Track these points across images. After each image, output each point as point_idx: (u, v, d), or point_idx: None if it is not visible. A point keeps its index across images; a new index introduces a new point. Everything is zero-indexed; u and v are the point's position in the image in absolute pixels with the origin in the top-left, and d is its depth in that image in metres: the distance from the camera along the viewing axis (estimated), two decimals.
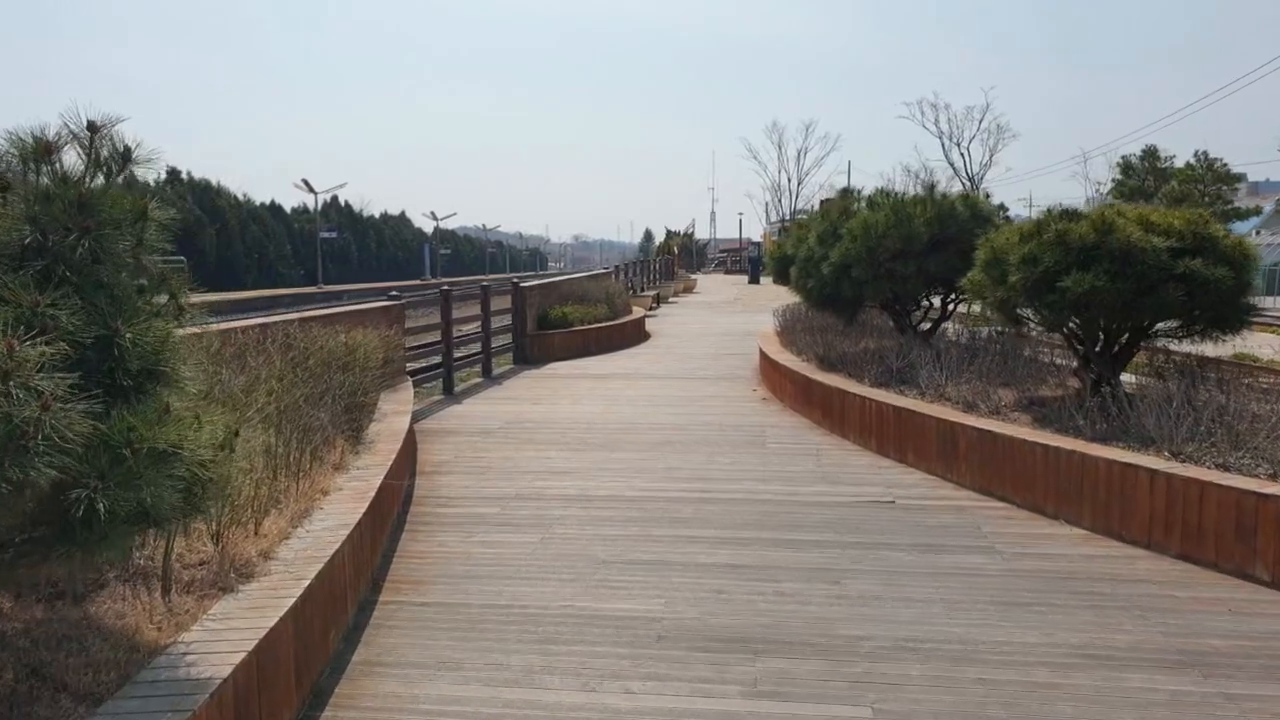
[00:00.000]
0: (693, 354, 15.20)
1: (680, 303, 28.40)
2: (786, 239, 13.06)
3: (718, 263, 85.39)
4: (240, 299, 31.41)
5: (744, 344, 16.14)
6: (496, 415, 9.69)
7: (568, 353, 14.84)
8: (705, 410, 9.87)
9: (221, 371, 4.83)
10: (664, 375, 12.71)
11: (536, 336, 14.59)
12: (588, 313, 16.05)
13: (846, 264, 9.13)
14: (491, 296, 13.06)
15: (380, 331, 8.89)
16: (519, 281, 14.29)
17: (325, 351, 6.19)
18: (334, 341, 6.47)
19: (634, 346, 16.39)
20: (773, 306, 27.31)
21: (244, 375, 5.28)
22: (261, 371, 5.28)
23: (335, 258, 60.99)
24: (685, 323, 21.07)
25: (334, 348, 6.38)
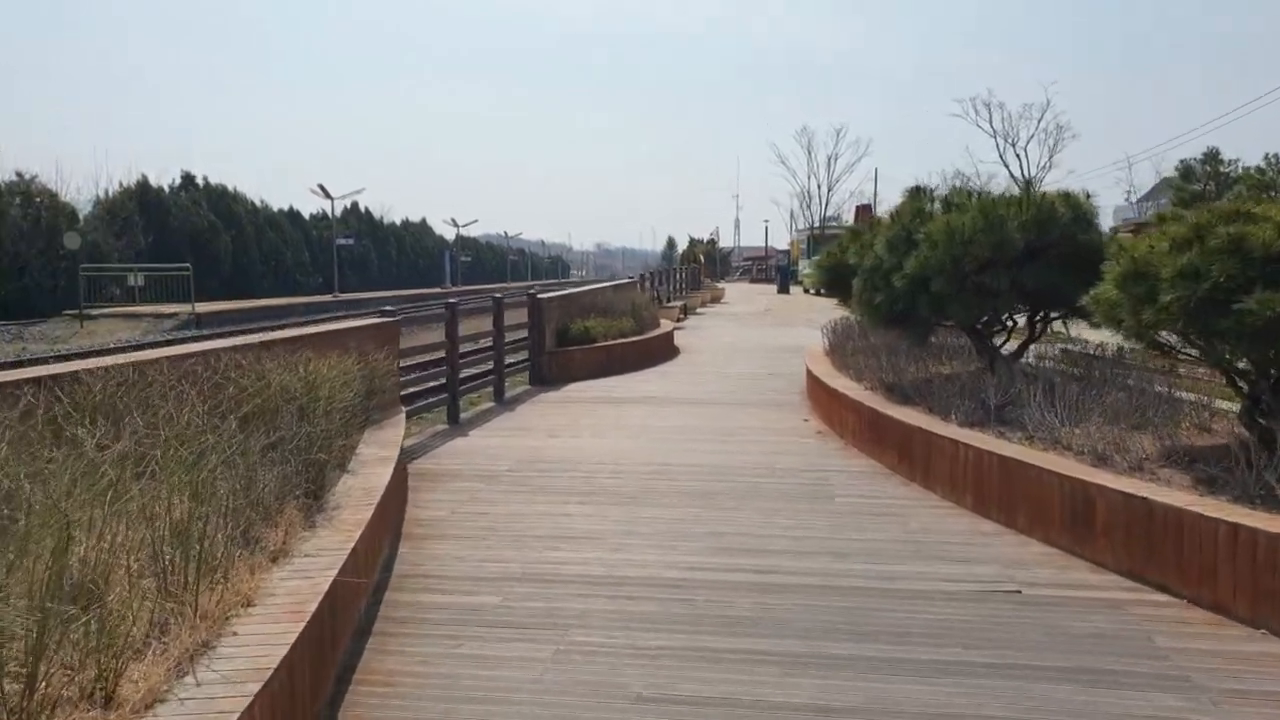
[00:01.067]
0: (728, 374, 13.70)
1: (708, 314, 26.91)
2: (839, 245, 11.52)
3: (742, 271, 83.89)
4: (247, 308, 30.25)
5: (785, 363, 14.64)
6: (507, 451, 8.25)
7: (590, 372, 13.40)
8: (751, 447, 8.37)
9: (92, 435, 3.40)
10: (699, 400, 11.22)
11: (556, 354, 13.15)
12: (612, 326, 14.60)
13: (924, 276, 7.61)
14: (505, 310, 11.64)
15: (370, 354, 7.48)
16: (536, 293, 12.88)
17: (273, 392, 4.77)
18: (288, 377, 5.04)
19: (663, 364, 14.91)
20: (807, 318, 25.78)
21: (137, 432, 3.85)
22: (164, 429, 3.85)
23: (355, 265, 59.99)
24: (716, 337, 19.57)
25: (287, 384, 4.96)
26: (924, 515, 6.20)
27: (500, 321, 11.37)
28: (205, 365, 5.01)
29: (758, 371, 13.81)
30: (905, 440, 7.19)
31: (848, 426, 8.55)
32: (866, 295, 8.43)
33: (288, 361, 5.46)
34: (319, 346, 6.59)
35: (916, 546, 5.52)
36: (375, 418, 7.39)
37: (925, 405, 7.57)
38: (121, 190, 38.36)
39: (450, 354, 9.76)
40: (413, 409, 8.99)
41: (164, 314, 25.93)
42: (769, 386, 12.29)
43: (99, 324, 24.88)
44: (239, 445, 4.20)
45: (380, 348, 7.75)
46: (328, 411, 4.90)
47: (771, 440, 8.71)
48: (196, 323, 25.90)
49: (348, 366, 6.08)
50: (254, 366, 5.11)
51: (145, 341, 18.72)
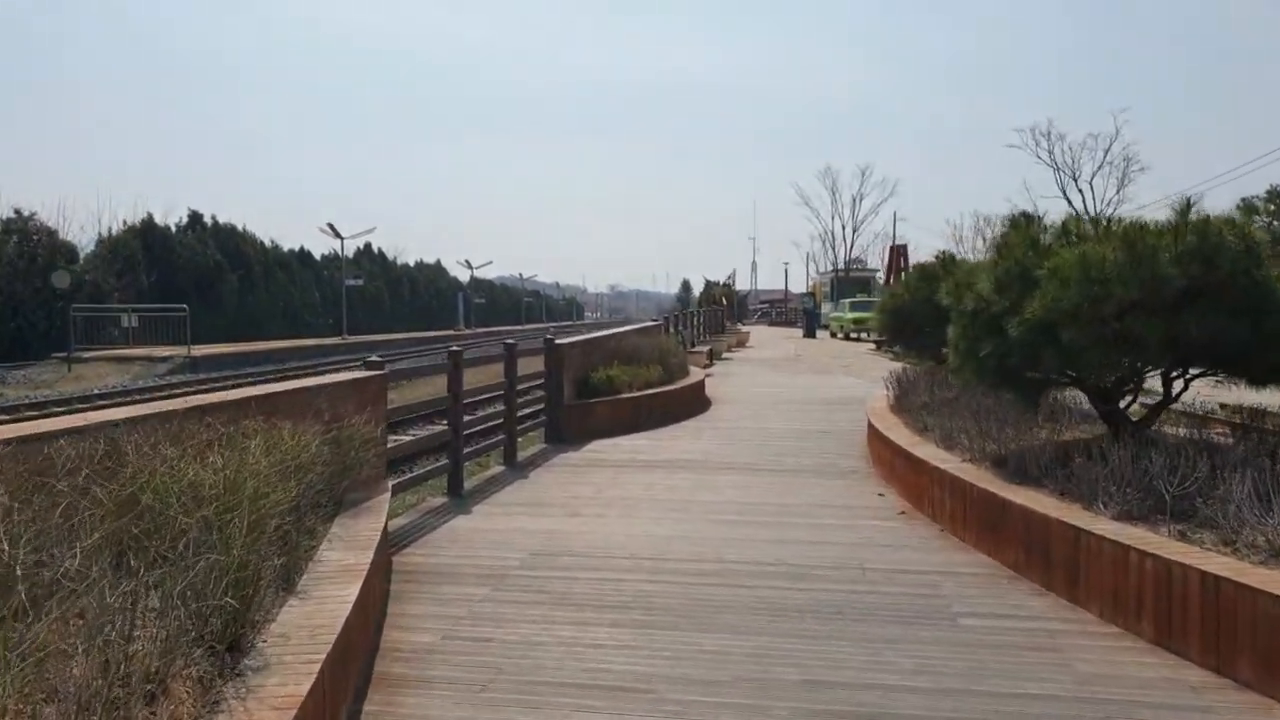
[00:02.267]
0: (772, 431, 12.04)
1: (736, 359, 25.28)
2: (905, 284, 9.93)
3: (761, 314, 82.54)
4: (247, 351, 28.81)
5: (834, 418, 12.99)
6: (518, 538, 6.61)
7: (614, 427, 11.78)
8: (826, 534, 6.70)
9: None
10: (744, 465, 9.56)
11: (575, 407, 11.55)
12: (638, 375, 13.00)
13: (1048, 322, 5.99)
14: (519, 358, 10.07)
15: (347, 418, 5.90)
16: (554, 338, 11.32)
17: (163, 494, 3.18)
18: (195, 475, 3.42)
19: (695, 418, 13.27)
20: (843, 365, 24.15)
21: None
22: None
23: (367, 306, 58.83)
24: (749, 386, 17.92)
25: (198, 480, 3.37)
26: (1089, 651, 4.50)
27: (513, 372, 9.79)
28: (79, 449, 3.42)
29: (806, 429, 12.14)
30: (1036, 535, 5.51)
31: (943, 508, 6.87)
32: (968, 346, 6.79)
33: (209, 440, 3.87)
34: (276, 411, 5.01)
35: (1103, 712, 3.82)
36: (352, 498, 5.80)
37: (1054, 486, 5.91)
38: (125, 229, 37.31)
39: (453, 413, 8.16)
40: (404, 481, 7.37)
41: (157, 357, 24.54)
42: (822, 448, 10.62)
43: (88, 367, 23.48)
44: (90, 586, 2.60)
45: (361, 409, 6.16)
46: (257, 524, 3.29)
47: (847, 524, 7.03)
48: (192, 366, 24.48)
49: (304, 442, 4.49)
50: (157, 452, 3.51)
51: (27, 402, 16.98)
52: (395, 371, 7.46)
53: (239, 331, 41.11)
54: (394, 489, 6.82)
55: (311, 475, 4.51)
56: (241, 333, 40.96)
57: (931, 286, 10.11)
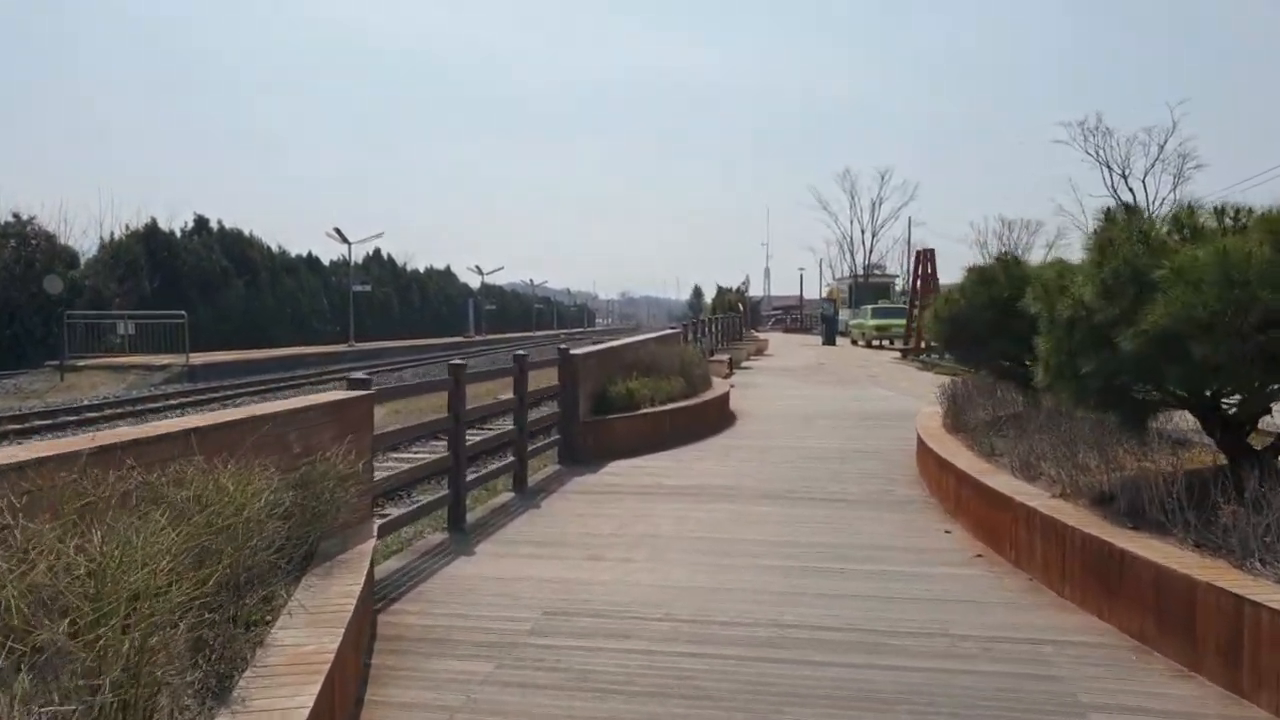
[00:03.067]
0: (806, 450, 10.95)
1: (756, 368, 24.19)
2: (962, 289, 8.82)
3: (775, 320, 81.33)
4: (248, 359, 27.86)
5: (871, 436, 11.93)
6: (527, 590, 5.56)
7: (634, 445, 10.73)
8: (894, 586, 5.61)
9: None
10: (785, 493, 8.49)
11: (592, 424, 10.50)
12: (659, 388, 11.95)
13: (1172, 334, 4.91)
14: (530, 370, 9.03)
15: (323, 450, 4.87)
16: (569, 349, 10.27)
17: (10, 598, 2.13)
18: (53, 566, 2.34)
19: (721, 434, 12.21)
20: (870, 375, 23.00)
21: None
22: None
23: (376, 313, 58.00)
24: (775, 398, 16.83)
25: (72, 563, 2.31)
26: None
27: (523, 387, 8.75)
28: None
29: (845, 448, 11.05)
30: (1174, 600, 4.42)
31: (1032, 554, 5.78)
32: (1061, 360, 5.70)
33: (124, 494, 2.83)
34: (226, 447, 3.97)
35: None
36: (328, 548, 4.76)
37: (1185, 535, 4.82)
38: (128, 233, 36.50)
39: (455, 436, 7.12)
40: (394, 521, 6.32)
41: (155, 365, 23.62)
42: (868, 472, 9.54)
43: (82, 376, 22.58)
44: None
45: (340, 437, 5.12)
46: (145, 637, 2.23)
47: (918, 572, 5.94)
48: (190, 375, 23.55)
49: (254, 488, 3.44)
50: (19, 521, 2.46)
51: None
52: (385, 391, 6.41)
53: (245, 338, 40.25)
54: (381, 530, 5.78)
55: (265, 532, 3.46)
56: (248, 340, 40.11)
57: (990, 291, 9.04)
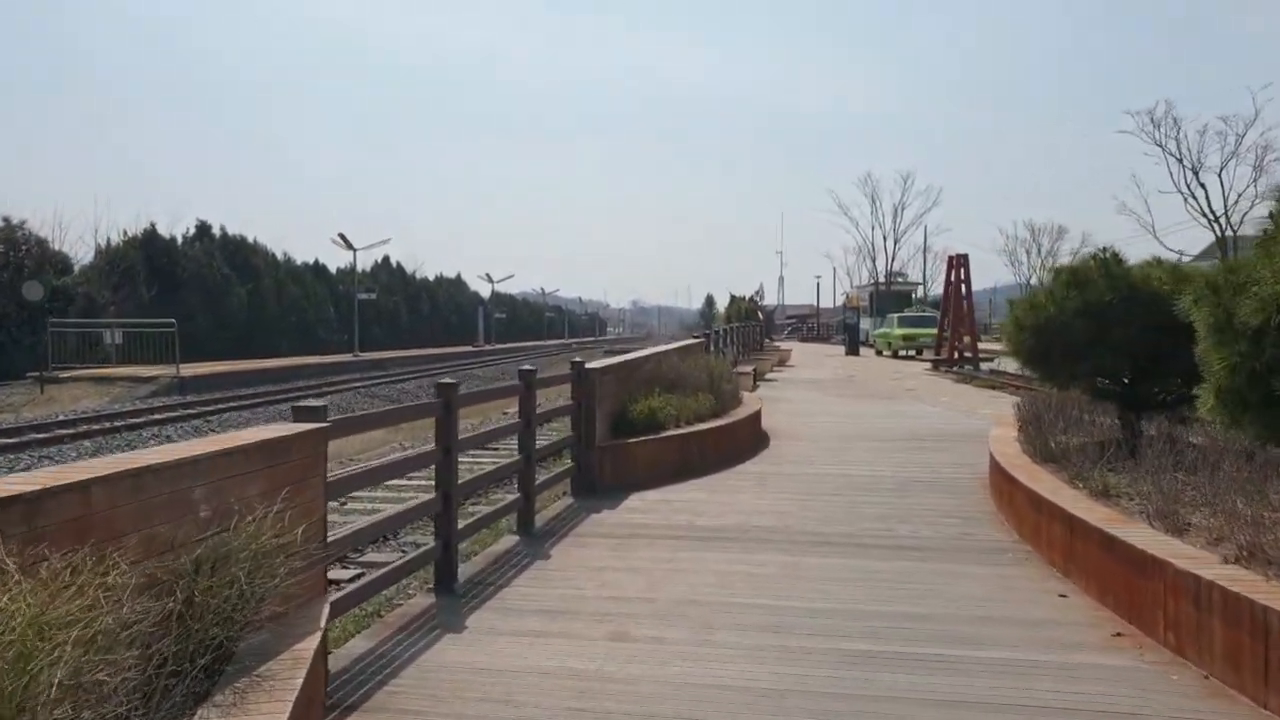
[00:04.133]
0: (858, 479, 9.50)
1: (781, 380, 22.72)
2: (1056, 288, 7.28)
3: (791, 329, 79.83)
4: (243, 371, 26.51)
5: (929, 460, 10.53)
6: (530, 689, 4.14)
7: (659, 473, 9.34)
8: (1017, 686, 4.16)
9: None
10: (843, 537, 7.04)
11: (611, 449, 9.08)
12: (685, 407, 10.53)
13: None
14: (537, 390, 7.62)
15: (252, 505, 3.47)
16: (584, 363, 8.86)
17: None
18: None
19: (755, 458, 10.77)
20: (906, 389, 21.43)
21: None
22: None
23: (384, 321, 56.85)
24: (808, 414, 15.36)
25: None
26: None
27: (530, 408, 7.34)
28: None
29: (900, 476, 9.60)
30: None
31: (1208, 641, 4.32)
32: (1241, 381, 4.26)
33: None
34: (80, 521, 2.58)
35: None
36: (255, 644, 3.37)
37: None
38: (125, 239, 35.36)
39: (443, 475, 5.71)
40: (356, 592, 4.89)
41: (142, 377, 22.33)
42: (932, 507, 8.09)
43: (64, 388, 21.31)
44: None
45: (274, 489, 3.72)
46: None
47: (1039, 659, 4.48)
48: (180, 387, 22.26)
49: (73, 609, 2.04)
50: None
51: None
52: (345, 423, 4.97)
53: (247, 348, 39.05)
54: (337, 607, 4.39)
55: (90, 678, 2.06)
56: (250, 350, 38.91)
57: (1085, 295, 7.59)
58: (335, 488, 4.49)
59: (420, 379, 31.10)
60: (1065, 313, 7.77)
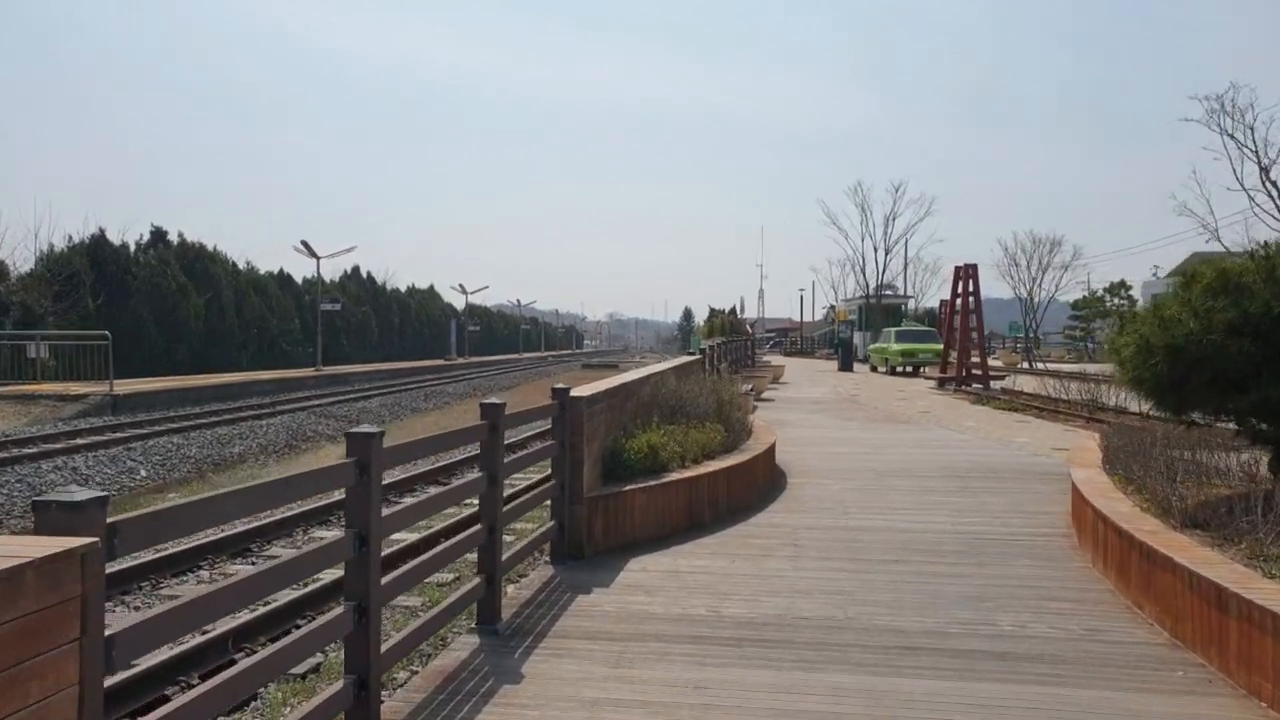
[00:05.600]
0: (909, 535, 7.53)
1: (780, 400, 20.78)
2: (1192, 296, 5.27)
3: (773, 343, 78.09)
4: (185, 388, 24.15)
5: (981, 502, 8.70)
6: None
7: (662, 529, 7.38)
8: None
9: None
10: (922, 637, 5.07)
11: (603, 500, 7.06)
12: (691, 440, 8.56)
13: None
14: (506, 429, 5.60)
15: None
16: (568, 390, 6.83)
17: None
18: None
19: (775, 505, 8.80)
20: (919, 409, 19.52)
21: None
22: None
23: (352, 334, 54.51)
24: (821, 441, 13.40)
25: None
26: None
27: (496, 459, 5.31)
28: None
29: (958, 529, 7.66)
30: None
31: None
32: None
33: None
34: None
35: None
36: None
37: None
38: (70, 246, 32.92)
39: (358, 575, 3.67)
40: None
41: (71, 395, 20.02)
42: (1029, 584, 6.15)
43: None
44: None
45: None
46: None
47: None
48: (114, 406, 19.96)
49: None
50: None
51: None
52: (139, 527, 2.86)
53: (204, 362, 36.68)
54: None
55: None
56: (207, 363, 36.54)
57: (1242, 305, 5.70)
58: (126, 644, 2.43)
59: (386, 395, 28.93)
60: (1213, 329, 5.87)
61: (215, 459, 14.78)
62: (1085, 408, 17.11)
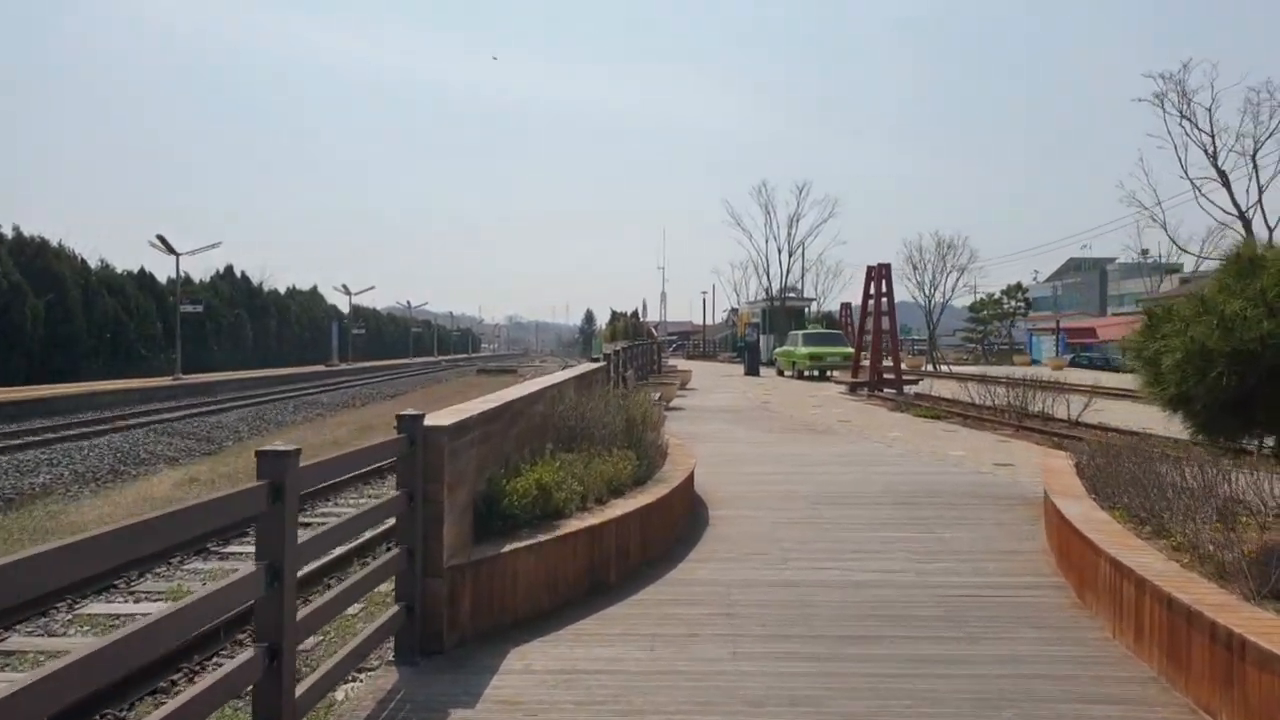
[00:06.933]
0: (873, 594, 5.88)
1: (690, 408, 19.11)
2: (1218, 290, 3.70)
3: (675, 347, 76.96)
4: None
5: (941, 540, 7.15)
6: None
7: (554, 600, 5.58)
8: None
9: None
10: None
11: (473, 569, 5.14)
12: (594, 473, 6.73)
13: None
14: (311, 487, 3.64)
15: None
16: (420, 417, 4.89)
17: None
18: None
19: (697, 549, 7.04)
20: (836, 417, 18.12)
21: None
22: None
23: (224, 338, 50.58)
24: (741, 459, 11.72)
25: None
26: None
27: (277, 546, 3.33)
28: None
29: (929, 582, 6.05)
30: None
31: None
32: None
33: None
34: None
35: None
36: None
37: None
38: None
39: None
40: None
41: None
42: (1049, 677, 4.55)
43: None
44: None
45: None
46: None
47: None
48: None
49: None
50: None
51: None
52: None
53: (45, 371, 32.83)
54: None
55: None
56: (50, 372, 32.69)
57: None
58: None
59: (250, 406, 26.06)
60: (1257, 329, 4.39)
61: (9, 492, 12.07)
62: (1011, 414, 16.06)
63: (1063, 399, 15.80)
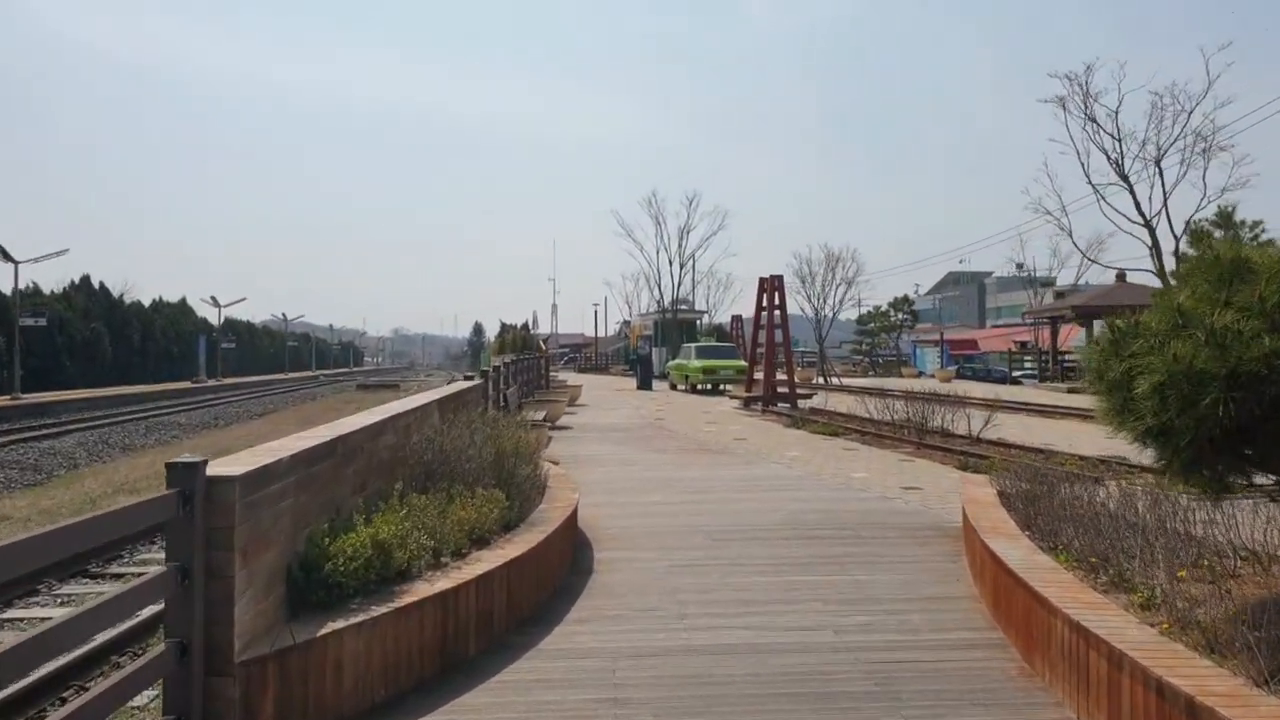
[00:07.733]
0: (786, 670, 4.89)
1: (577, 427, 17.95)
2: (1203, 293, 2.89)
3: (566, 359, 75.72)
4: None
5: (855, 585, 6.22)
6: None
7: (393, 692, 4.38)
8: None
9: None
10: None
11: (276, 659, 3.90)
12: (451, 522, 5.56)
13: None
14: None
15: None
16: (204, 468, 3.66)
17: None
18: None
19: (575, 609, 5.95)
20: (732, 435, 17.25)
21: None
22: None
23: (78, 353, 46.66)
24: (632, 488, 10.65)
25: None
26: None
27: None
28: None
29: (858, 655, 5.11)
30: None
31: None
32: None
33: None
34: None
35: None
36: None
37: None
38: None
39: None
40: None
41: None
42: None
43: None
44: None
45: None
46: None
47: None
48: None
49: None
50: None
51: None
52: None
53: None
54: None
55: None
56: None
57: None
58: None
59: (96, 429, 23.57)
60: (1247, 344, 3.61)
61: None
62: (911, 430, 15.57)
63: (963, 414, 15.40)
